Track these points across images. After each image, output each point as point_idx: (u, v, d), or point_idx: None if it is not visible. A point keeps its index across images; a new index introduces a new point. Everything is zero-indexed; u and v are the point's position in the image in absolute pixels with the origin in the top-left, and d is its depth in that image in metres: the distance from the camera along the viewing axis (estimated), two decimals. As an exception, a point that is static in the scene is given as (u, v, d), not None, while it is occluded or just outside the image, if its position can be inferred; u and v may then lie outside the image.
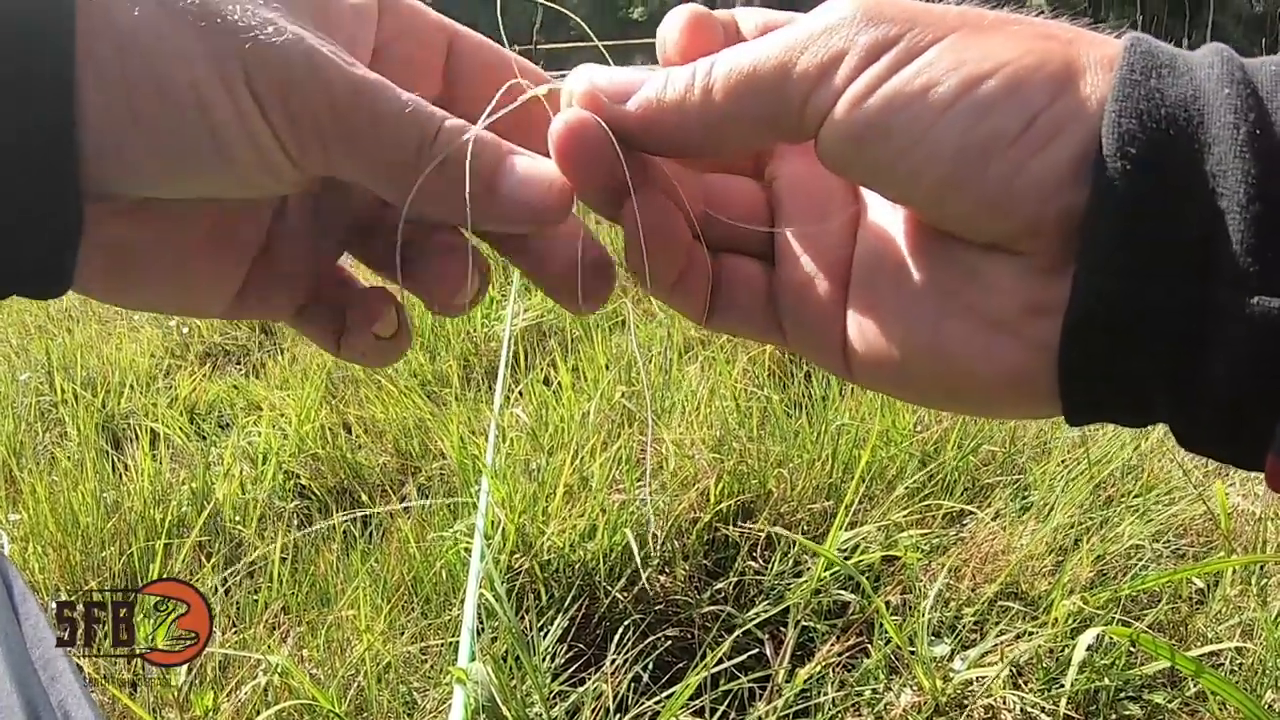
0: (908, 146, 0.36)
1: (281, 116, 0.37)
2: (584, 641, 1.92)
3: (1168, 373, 0.34)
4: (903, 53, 0.36)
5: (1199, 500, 2.26)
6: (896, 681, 1.80)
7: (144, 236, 0.41)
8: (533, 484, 2.18)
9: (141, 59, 0.35)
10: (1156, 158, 0.33)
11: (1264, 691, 1.76)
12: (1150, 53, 0.34)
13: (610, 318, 3.70)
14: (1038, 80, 0.35)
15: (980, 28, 0.36)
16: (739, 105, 0.38)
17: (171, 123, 0.36)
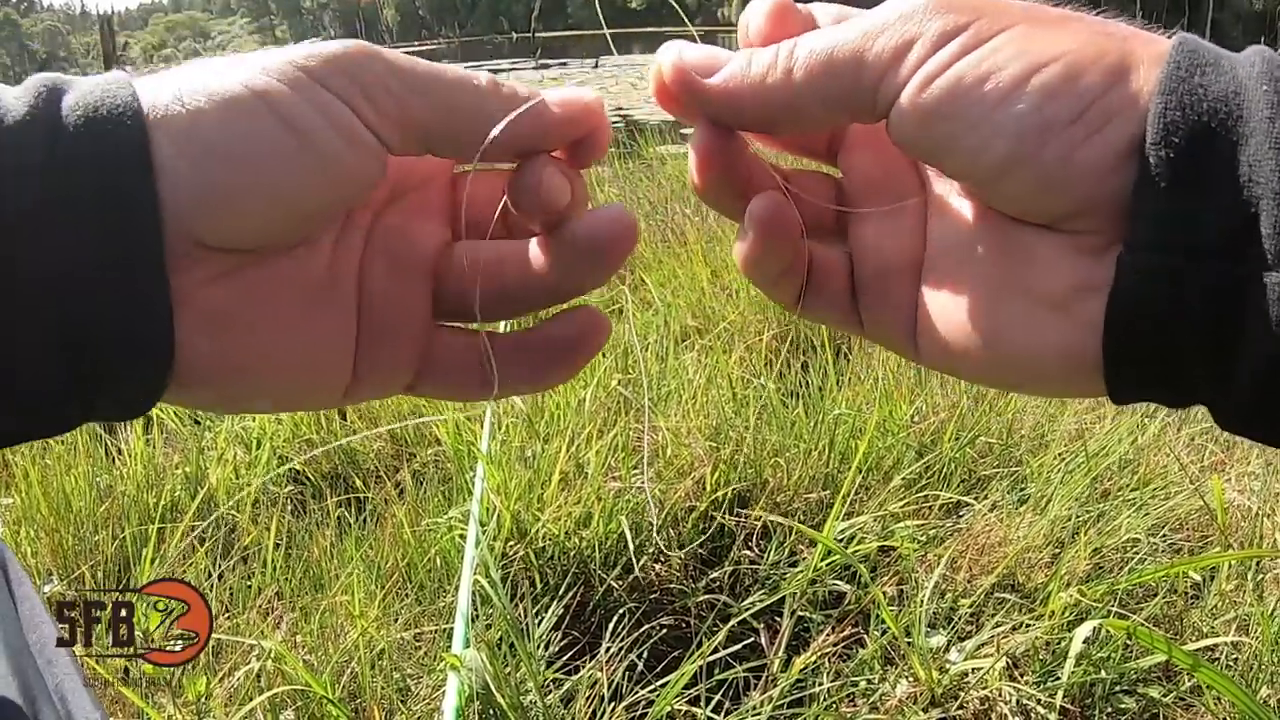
0: (972, 126, 0.39)
1: (361, 98, 0.40)
2: (579, 629, 1.92)
3: (1207, 350, 0.36)
4: (970, 39, 0.39)
5: (1196, 495, 2.26)
6: (892, 672, 1.79)
7: (248, 304, 0.42)
8: (528, 471, 2.17)
9: (199, 92, 0.38)
10: (1197, 147, 0.35)
11: (1260, 686, 1.76)
12: (1196, 51, 0.37)
13: (607, 306, 3.69)
14: (1095, 70, 0.37)
15: (1043, 21, 0.39)
16: (817, 85, 0.41)
17: (245, 131, 0.38)
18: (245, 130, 0.38)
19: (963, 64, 0.38)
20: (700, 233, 4.50)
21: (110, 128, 0.36)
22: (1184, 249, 0.35)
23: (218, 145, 0.37)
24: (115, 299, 0.36)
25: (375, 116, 0.40)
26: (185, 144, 0.37)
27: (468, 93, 0.42)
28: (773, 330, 3.27)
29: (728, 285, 3.80)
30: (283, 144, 0.38)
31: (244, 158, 0.38)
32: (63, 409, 0.38)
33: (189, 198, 0.37)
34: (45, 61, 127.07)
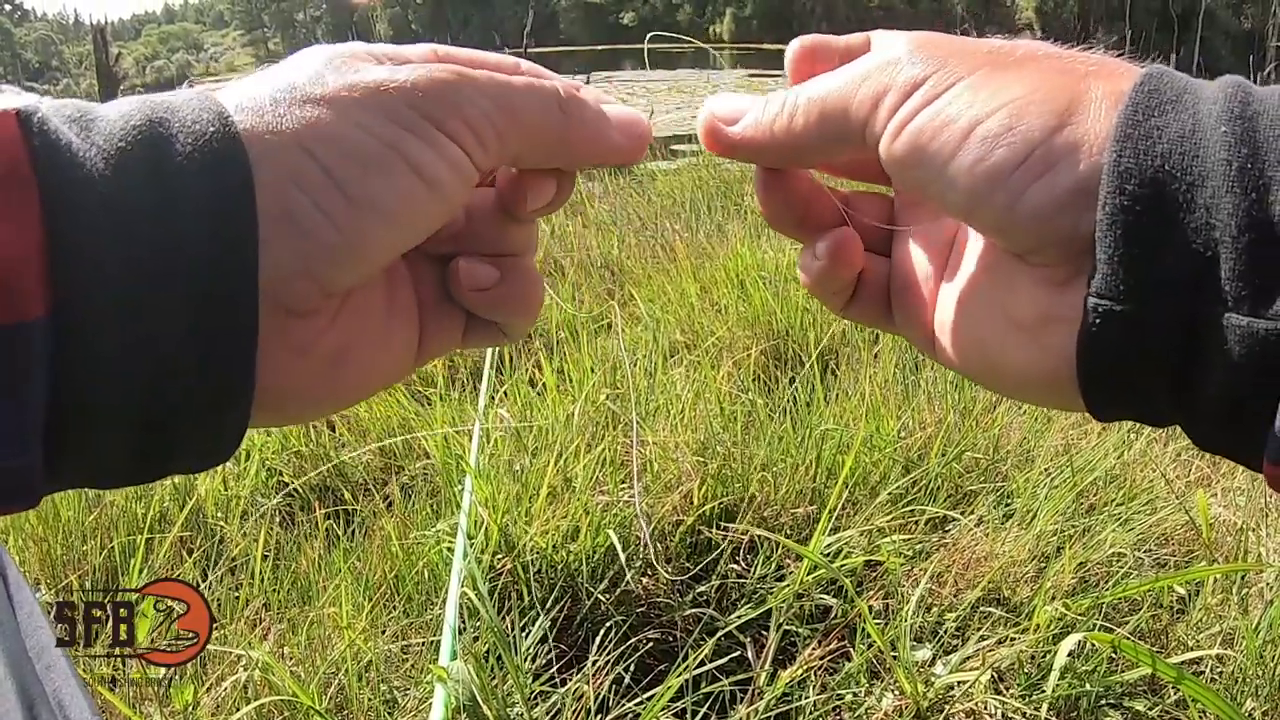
0: (935, 175, 0.42)
1: (462, 129, 0.42)
2: (566, 642, 1.92)
3: (1170, 385, 0.38)
4: (929, 91, 0.42)
5: (1181, 509, 2.27)
6: (878, 685, 1.80)
7: (354, 332, 0.45)
8: (516, 484, 2.18)
9: (330, 147, 0.39)
10: (1152, 193, 0.36)
11: (1244, 700, 1.77)
12: (1157, 89, 0.38)
13: (596, 320, 3.70)
14: (1038, 115, 0.39)
15: (1001, 65, 0.42)
16: (814, 130, 0.47)
17: (382, 182, 0.40)
18: (386, 185, 0.40)
19: (921, 118, 0.42)
20: (690, 248, 4.51)
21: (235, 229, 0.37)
22: (1141, 296, 0.37)
23: (360, 202, 0.39)
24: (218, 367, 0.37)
25: (481, 153, 0.43)
26: (325, 202, 0.39)
27: (551, 117, 0.45)
28: (761, 346, 3.27)
29: (716, 301, 3.80)
30: (418, 195, 0.41)
31: (388, 213, 0.40)
32: (131, 470, 0.39)
33: (321, 253, 0.39)
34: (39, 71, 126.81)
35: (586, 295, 4.26)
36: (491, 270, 0.49)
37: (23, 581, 0.73)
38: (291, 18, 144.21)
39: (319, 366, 0.43)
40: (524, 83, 0.45)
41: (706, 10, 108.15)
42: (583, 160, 0.48)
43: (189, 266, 0.35)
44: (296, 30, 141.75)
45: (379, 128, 0.40)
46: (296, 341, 0.41)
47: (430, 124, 0.41)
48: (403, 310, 0.49)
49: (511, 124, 0.43)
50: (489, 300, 0.50)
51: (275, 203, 0.37)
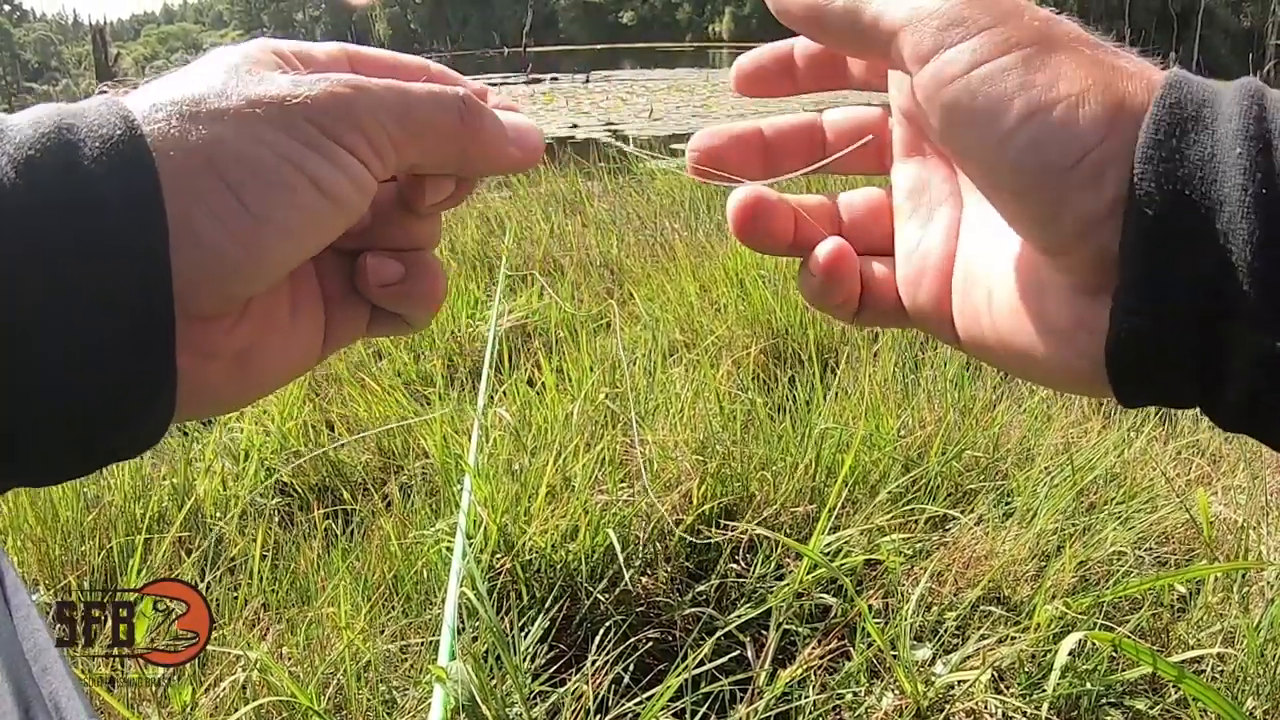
0: (978, 145, 0.42)
1: (360, 142, 0.43)
2: (565, 642, 1.92)
3: (1195, 390, 0.40)
4: (985, 48, 0.41)
5: (1182, 508, 2.26)
6: (878, 685, 1.80)
7: (261, 332, 0.46)
8: (515, 484, 2.17)
9: (233, 164, 0.40)
10: (1172, 216, 0.37)
11: (1245, 698, 1.77)
12: (1179, 102, 0.38)
13: (595, 319, 3.70)
14: (1089, 118, 0.39)
15: (1055, 45, 0.41)
16: (847, 17, 0.46)
17: (284, 198, 0.41)
18: (289, 201, 0.41)
19: (977, 80, 0.41)
20: (689, 247, 4.51)
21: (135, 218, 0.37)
22: (1164, 314, 0.38)
23: (263, 220, 0.40)
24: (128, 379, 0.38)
25: (379, 165, 0.44)
26: (228, 220, 0.39)
27: (449, 127, 0.46)
28: (760, 344, 3.27)
29: (716, 300, 3.80)
30: (320, 210, 0.42)
31: (288, 228, 0.41)
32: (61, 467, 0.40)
33: (224, 269, 0.40)
34: (38, 71, 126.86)
35: (586, 294, 4.26)
36: (397, 266, 0.50)
37: (19, 584, 0.72)
38: (290, 17, 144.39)
39: (225, 367, 0.45)
40: (424, 91, 0.45)
41: (706, 9, 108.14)
42: (477, 170, 0.49)
43: (104, 267, 0.36)
44: (295, 30, 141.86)
45: (279, 144, 0.40)
46: (202, 345, 0.42)
47: (329, 138, 0.42)
48: (308, 305, 0.50)
49: (407, 135, 0.44)
50: (394, 294, 0.51)
51: (179, 215, 0.38)
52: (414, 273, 0.51)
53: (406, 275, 0.50)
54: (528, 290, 4.25)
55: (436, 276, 0.52)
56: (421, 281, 0.51)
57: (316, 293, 0.50)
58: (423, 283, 0.51)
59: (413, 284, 0.51)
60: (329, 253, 0.50)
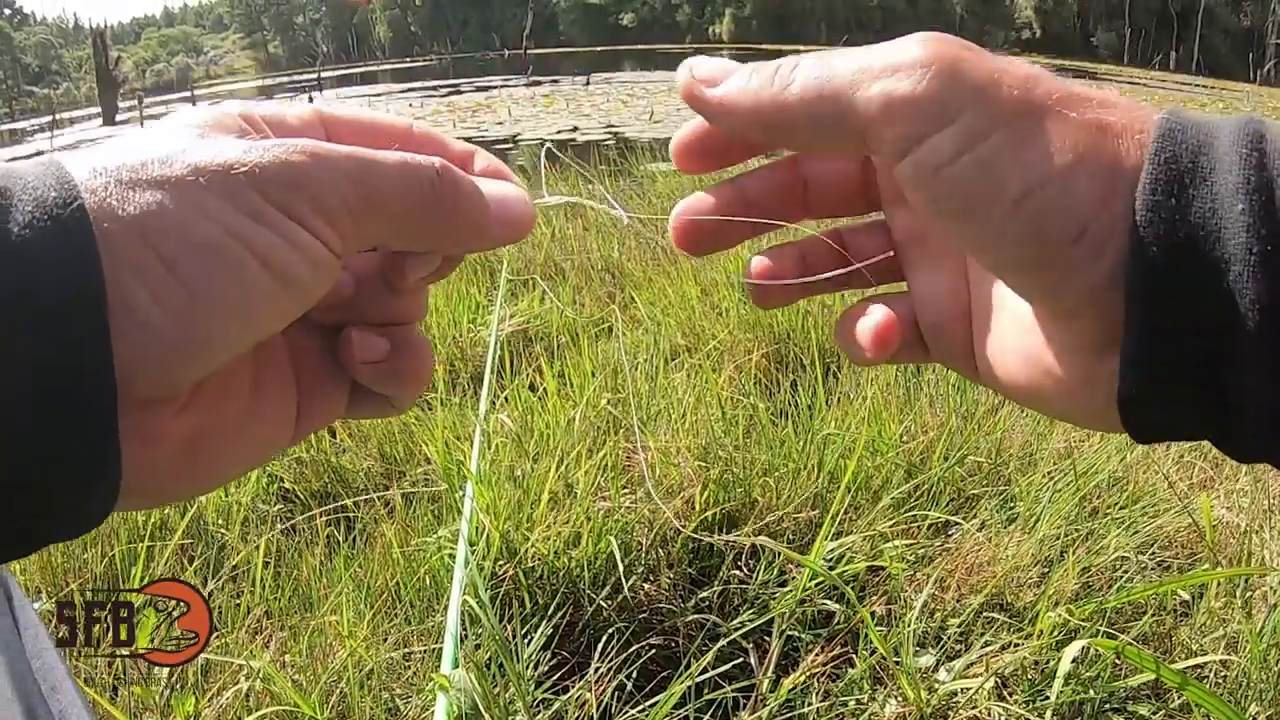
0: (974, 231, 0.41)
1: (313, 214, 0.39)
2: (568, 649, 1.92)
3: (1211, 435, 0.40)
4: (966, 134, 0.39)
5: (1184, 513, 2.26)
6: (881, 692, 1.79)
7: (212, 416, 0.42)
8: (517, 490, 2.17)
9: (171, 237, 0.36)
10: (1177, 279, 0.36)
11: (1248, 705, 1.76)
12: (1174, 158, 0.37)
13: (596, 324, 3.70)
14: (1087, 189, 0.38)
15: (1039, 112, 0.39)
16: (808, 109, 0.43)
17: (226, 275, 0.37)
18: (231, 278, 0.37)
19: (963, 168, 0.39)
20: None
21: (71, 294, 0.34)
22: (1170, 376, 0.38)
23: (202, 297, 0.36)
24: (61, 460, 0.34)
25: (336, 239, 0.40)
26: (165, 296, 0.35)
27: (419, 201, 0.42)
28: (762, 349, 3.27)
29: (717, 304, 3.80)
30: (267, 288, 0.38)
31: (233, 308, 0.37)
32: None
33: (162, 349, 0.36)
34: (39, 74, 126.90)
35: (587, 299, 4.27)
36: (382, 342, 0.47)
37: (27, 602, 0.72)
38: (291, 20, 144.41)
39: (171, 455, 0.40)
40: (395, 162, 0.41)
41: (706, 11, 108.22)
42: (452, 248, 0.46)
43: (31, 339, 0.33)
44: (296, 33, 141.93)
45: (223, 215, 0.37)
46: (144, 431, 0.38)
47: (278, 210, 0.38)
48: (275, 386, 0.46)
49: (368, 208, 0.40)
50: (380, 372, 0.48)
51: (115, 293, 0.34)
52: (399, 350, 0.48)
53: (391, 352, 0.48)
54: (529, 295, 4.25)
55: (422, 354, 0.49)
56: (407, 359, 0.48)
57: (286, 372, 0.47)
58: (409, 360, 0.48)
59: (398, 362, 0.48)
60: (306, 327, 0.48)
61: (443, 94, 33.62)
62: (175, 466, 0.41)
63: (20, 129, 44.57)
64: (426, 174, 0.42)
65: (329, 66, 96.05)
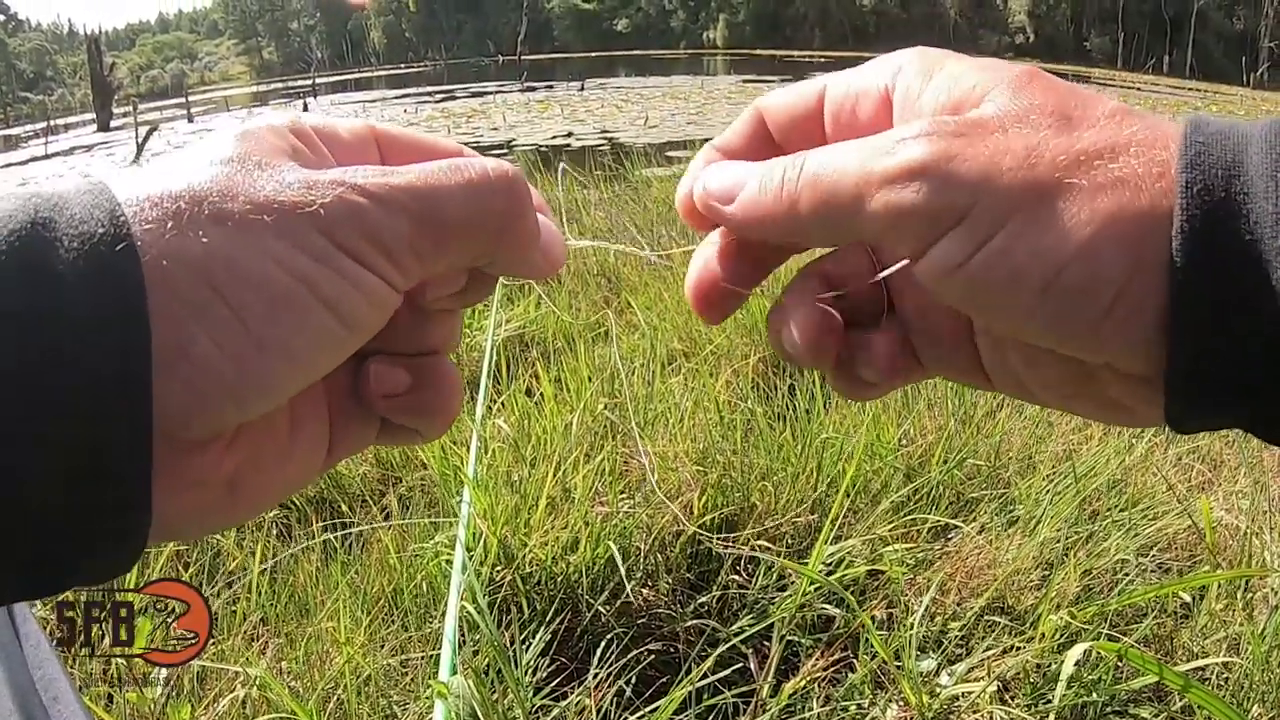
0: (1002, 317, 0.40)
1: (376, 254, 0.38)
2: (566, 655, 1.91)
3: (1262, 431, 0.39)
4: (980, 227, 0.38)
5: (1184, 515, 2.26)
6: (882, 696, 1.79)
7: (253, 451, 0.41)
8: (515, 495, 2.16)
9: (235, 279, 0.35)
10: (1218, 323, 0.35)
11: (1250, 706, 1.76)
12: (1206, 189, 0.36)
13: (593, 329, 3.69)
14: (1113, 258, 0.36)
15: (1046, 193, 0.38)
16: (816, 218, 0.43)
17: (291, 320, 0.36)
18: (296, 323, 0.36)
19: (979, 264, 0.38)
20: (687, 255, 4.50)
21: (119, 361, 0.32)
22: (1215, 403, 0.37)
23: (266, 341, 0.35)
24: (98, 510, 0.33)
25: (399, 277, 0.39)
26: (226, 339, 0.34)
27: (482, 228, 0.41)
28: (759, 353, 3.27)
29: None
30: (331, 331, 0.37)
31: (296, 353, 0.36)
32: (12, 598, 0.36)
33: (220, 393, 0.35)
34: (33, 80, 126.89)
35: (583, 303, 4.26)
36: (403, 375, 0.45)
37: (28, 613, 0.72)
38: (285, 26, 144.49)
39: (214, 495, 0.39)
40: (459, 187, 0.40)
41: (700, 17, 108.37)
42: (501, 268, 0.45)
43: (60, 394, 0.31)
44: (290, 39, 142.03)
45: (289, 260, 0.36)
46: (189, 475, 0.37)
47: (344, 253, 0.37)
48: (311, 418, 0.45)
49: (433, 242, 0.40)
50: (401, 406, 0.46)
51: (171, 334, 0.33)
52: (423, 382, 0.46)
53: (414, 385, 0.46)
54: (525, 299, 4.25)
55: (448, 386, 0.47)
56: (430, 392, 0.46)
57: (321, 407, 0.45)
58: (432, 394, 0.46)
59: (420, 395, 0.46)
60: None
61: (437, 100, 33.63)
62: (215, 505, 0.40)
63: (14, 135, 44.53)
64: (495, 193, 0.41)
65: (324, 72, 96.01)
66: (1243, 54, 65.82)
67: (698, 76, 43.25)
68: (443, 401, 0.47)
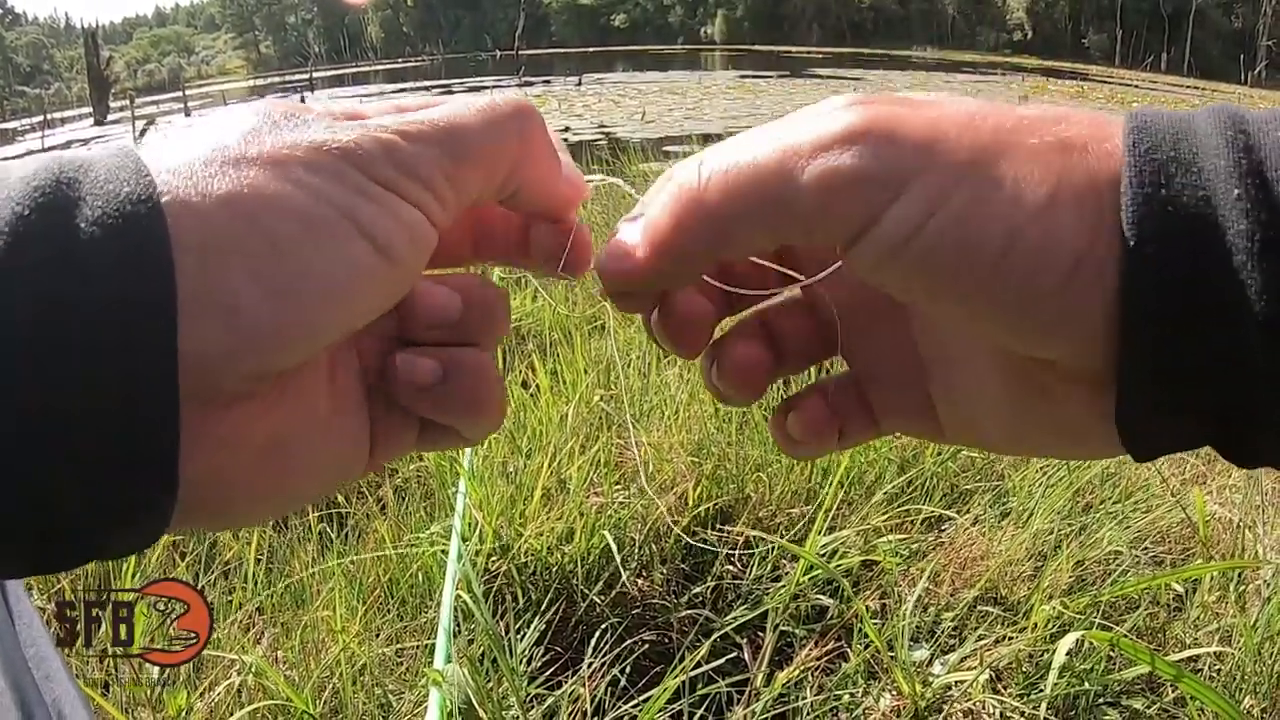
0: (962, 296, 0.36)
1: (411, 185, 0.37)
2: (561, 644, 1.91)
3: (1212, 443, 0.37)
4: (928, 196, 0.35)
5: (1178, 507, 2.27)
6: (875, 686, 1.79)
7: (289, 416, 0.38)
8: (510, 486, 2.17)
9: (271, 211, 0.34)
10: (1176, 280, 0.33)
11: (1242, 697, 1.77)
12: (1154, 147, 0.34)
13: (589, 321, 3.69)
14: (1072, 218, 0.34)
15: (995, 154, 0.35)
16: (735, 210, 0.38)
17: (330, 250, 0.35)
18: (335, 254, 0.35)
19: (930, 233, 0.35)
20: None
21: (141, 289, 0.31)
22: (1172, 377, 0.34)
23: (306, 274, 0.34)
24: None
25: (437, 208, 0.38)
26: (266, 274, 0.33)
27: (506, 151, 0.41)
28: (756, 345, 3.27)
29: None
30: (370, 263, 0.36)
31: (337, 287, 0.35)
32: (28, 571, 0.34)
33: (258, 333, 0.33)
34: (30, 74, 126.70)
35: (580, 296, 4.26)
36: (433, 365, 0.42)
37: (22, 592, 0.72)
38: (283, 20, 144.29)
39: (249, 460, 0.37)
40: (477, 116, 0.40)
41: (698, 12, 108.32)
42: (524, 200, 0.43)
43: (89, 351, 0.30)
44: (287, 33, 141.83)
45: (324, 189, 0.35)
46: (222, 433, 0.35)
47: (379, 185, 0.36)
48: (349, 403, 0.42)
49: (463, 166, 0.39)
50: (430, 401, 0.43)
51: (201, 274, 0.32)
52: (455, 372, 0.42)
53: (445, 376, 0.42)
54: (521, 292, 4.24)
55: (484, 379, 0.43)
56: (463, 383, 0.42)
57: (360, 395, 0.43)
58: (464, 385, 0.42)
59: (455, 387, 0.42)
60: (375, 345, 0.43)
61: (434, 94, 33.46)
62: (252, 474, 0.38)
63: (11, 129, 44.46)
64: (510, 117, 0.41)
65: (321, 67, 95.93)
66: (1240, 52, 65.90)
67: (695, 72, 43.20)
68: (479, 395, 0.43)
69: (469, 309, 0.43)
